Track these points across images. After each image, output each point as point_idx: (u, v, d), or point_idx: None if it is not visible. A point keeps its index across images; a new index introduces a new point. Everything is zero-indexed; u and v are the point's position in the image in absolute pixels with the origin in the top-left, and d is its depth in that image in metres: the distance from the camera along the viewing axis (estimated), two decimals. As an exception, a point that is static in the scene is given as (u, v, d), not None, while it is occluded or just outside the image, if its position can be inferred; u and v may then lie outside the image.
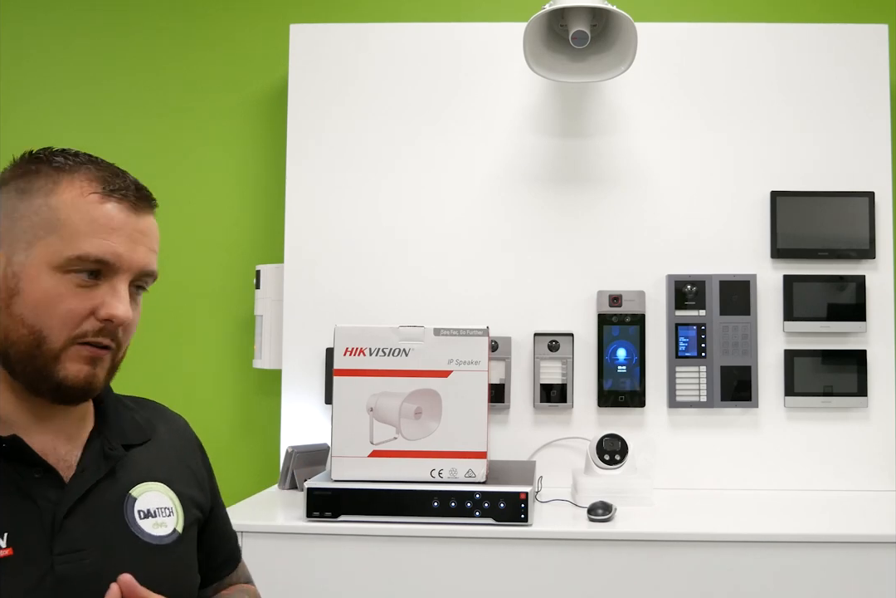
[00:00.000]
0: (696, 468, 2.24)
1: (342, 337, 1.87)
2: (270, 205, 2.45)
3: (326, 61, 2.33)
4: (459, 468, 1.84)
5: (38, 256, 0.93)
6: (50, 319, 0.93)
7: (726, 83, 2.30)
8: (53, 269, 0.93)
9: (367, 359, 1.86)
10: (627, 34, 2.00)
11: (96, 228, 0.94)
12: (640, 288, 2.27)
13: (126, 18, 2.53)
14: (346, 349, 1.86)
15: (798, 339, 2.26)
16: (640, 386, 2.24)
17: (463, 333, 1.86)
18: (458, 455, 1.84)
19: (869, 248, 2.25)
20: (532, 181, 2.31)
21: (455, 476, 1.83)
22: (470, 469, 1.84)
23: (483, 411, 1.85)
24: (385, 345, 1.85)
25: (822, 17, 2.39)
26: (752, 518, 1.95)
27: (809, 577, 1.76)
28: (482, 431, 1.85)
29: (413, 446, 1.84)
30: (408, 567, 1.78)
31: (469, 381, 1.85)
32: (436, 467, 1.84)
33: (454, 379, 1.85)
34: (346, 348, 1.86)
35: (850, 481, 2.22)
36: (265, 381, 2.44)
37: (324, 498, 1.80)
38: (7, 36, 2.53)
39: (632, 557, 1.77)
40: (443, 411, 1.85)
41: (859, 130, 2.28)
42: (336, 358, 1.87)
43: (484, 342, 1.86)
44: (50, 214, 0.94)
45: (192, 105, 2.52)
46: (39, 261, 0.93)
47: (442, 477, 1.83)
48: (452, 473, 1.84)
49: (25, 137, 2.53)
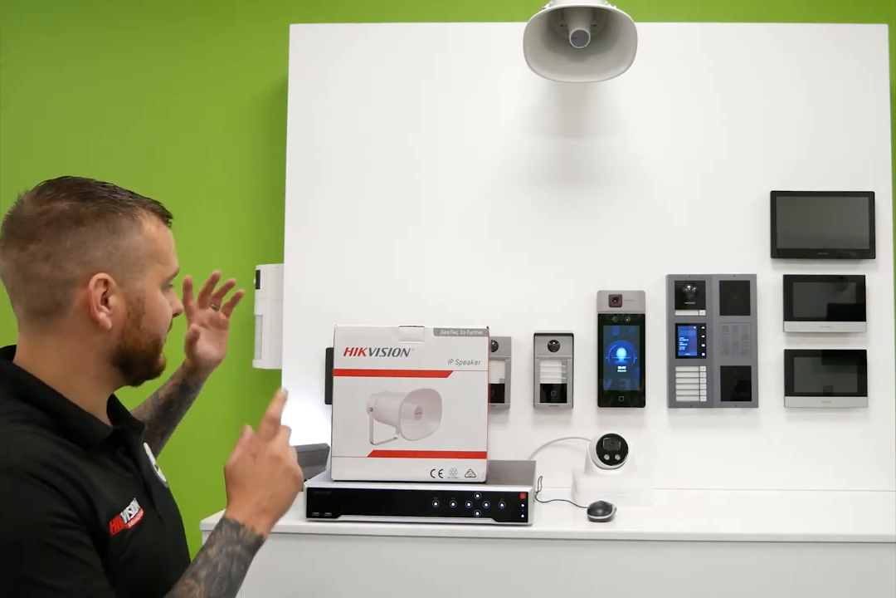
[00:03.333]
0: (696, 468, 2.24)
1: (342, 337, 1.87)
2: (270, 205, 2.45)
3: (326, 61, 2.33)
4: (459, 469, 1.83)
5: (150, 281, 1.17)
6: (163, 326, 1.21)
7: (726, 83, 2.30)
8: (159, 288, 1.20)
9: (368, 359, 1.86)
10: (627, 34, 2.00)
11: (169, 249, 1.22)
12: (640, 288, 2.27)
13: (126, 18, 2.53)
14: (345, 349, 1.86)
15: (798, 339, 2.26)
16: (640, 386, 2.24)
17: (463, 333, 1.85)
18: (458, 455, 1.84)
19: (869, 248, 2.25)
20: (532, 181, 2.31)
21: (455, 476, 1.83)
22: (470, 469, 1.84)
23: (483, 412, 1.85)
24: (385, 345, 1.85)
25: (822, 17, 2.40)
26: (752, 518, 1.95)
27: (809, 577, 1.76)
28: (482, 431, 1.85)
29: (413, 446, 1.84)
30: (408, 567, 1.78)
31: (469, 381, 1.85)
32: (436, 468, 1.84)
33: (454, 379, 1.85)
34: (346, 347, 1.86)
35: (850, 481, 2.22)
36: (265, 381, 2.43)
37: (324, 498, 1.80)
38: (3, 34, 2.54)
39: (632, 557, 1.77)
40: (443, 411, 1.85)
41: (859, 130, 2.28)
42: (336, 358, 1.87)
43: (484, 342, 1.86)
44: (149, 246, 1.17)
45: (192, 105, 2.52)
46: (152, 284, 1.18)
47: (442, 477, 1.83)
48: (452, 473, 1.84)
49: (25, 137, 2.53)
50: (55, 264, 1.10)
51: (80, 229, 1.11)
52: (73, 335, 1.13)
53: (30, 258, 1.10)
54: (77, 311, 1.12)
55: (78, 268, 1.11)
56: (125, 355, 1.16)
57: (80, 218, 1.11)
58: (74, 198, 1.12)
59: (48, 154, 2.53)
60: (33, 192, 1.13)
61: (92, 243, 1.12)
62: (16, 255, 1.11)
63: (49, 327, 1.12)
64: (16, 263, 1.11)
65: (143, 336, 1.17)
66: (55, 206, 1.11)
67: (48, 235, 1.10)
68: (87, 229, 1.12)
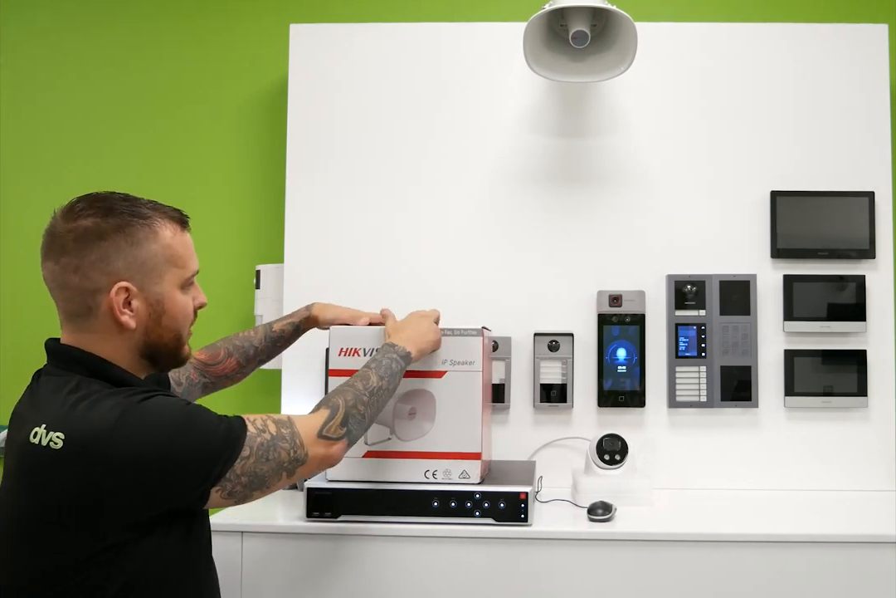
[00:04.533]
0: (696, 468, 2.24)
1: (337, 338, 1.86)
2: (270, 205, 2.45)
3: (326, 61, 2.33)
4: (453, 470, 1.82)
5: (168, 283, 1.33)
6: (183, 322, 1.36)
7: (726, 83, 2.30)
8: (179, 289, 1.35)
9: (362, 359, 1.84)
10: (627, 34, 2.00)
11: (186, 252, 1.36)
12: (640, 288, 2.27)
13: (125, 18, 2.53)
14: (340, 350, 1.85)
15: (798, 339, 2.26)
16: (640, 386, 2.24)
17: (457, 333, 1.84)
18: (453, 456, 1.82)
19: (869, 248, 2.25)
20: (532, 181, 2.31)
21: (449, 477, 1.82)
22: (464, 470, 1.82)
23: (478, 412, 1.83)
24: (379, 345, 1.84)
25: (822, 17, 2.40)
26: (752, 518, 1.95)
27: (809, 577, 1.76)
28: (477, 432, 1.83)
29: (407, 446, 1.83)
30: (408, 567, 1.78)
31: (464, 381, 1.83)
32: (430, 468, 1.83)
33: (449, 379, 1.83)
34: (341, 348, 1.85)
35: (850, 482, 2.22)
36: (265, 381, 2.43)
37: (324, 498, 1.80)
38: (3, 34, 2.54)
39: (632, 557, 1.77)
40: (437, 411, 1.83)
41: (859, 130, 2.28)
42: (331, 359, 1.86)
43: (478, 342, 1.84)
44: (166, 253, 1.32)
45: (191, 105, 2.52)
46: (171, 287, 1.33)
47: (436, 478, 1.82)
48: (447, 474, 1.82)
49: (25, 138, 2.54)
50: (83, 275, 1.27)
51: (103, 244, 1.28)
52: (105, 334, 1.30)
53: (62, 269, 1.28)
54: (105, 314, 1.29)
55: (102, 277, 1.28)
56: (151, 348, 1.34)
57: (102, 233, 1.28)
58: (98, 215, 1.28)
59: (48, 154, 2.53)
60: (65, 208, 1.31)
61: (113, 255, 1.28)
62: (52, 266, 1.29)
63: (85, 327, 1.31)
64: (52, 274, 1.30)
65: (165, 332, 1.34)
66: (81, 223, 1.28)
67: (76, 249, 1.27)
68: (108, 243, 1.28)
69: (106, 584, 1.21)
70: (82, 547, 1.20)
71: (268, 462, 1.31)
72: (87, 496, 1.19)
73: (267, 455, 1.31)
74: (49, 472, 1.21)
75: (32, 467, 1.23)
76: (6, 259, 2.52)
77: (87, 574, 1.20)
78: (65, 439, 1.20)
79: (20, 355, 2.40)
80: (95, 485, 1.19)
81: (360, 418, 1.48)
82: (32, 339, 1.50)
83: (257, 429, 1.32)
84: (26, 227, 2.43)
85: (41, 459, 1.22)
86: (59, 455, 1.20)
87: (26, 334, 2.35)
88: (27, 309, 2.46)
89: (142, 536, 1.23)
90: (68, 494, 1.20)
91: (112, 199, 1.32)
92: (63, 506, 1.20)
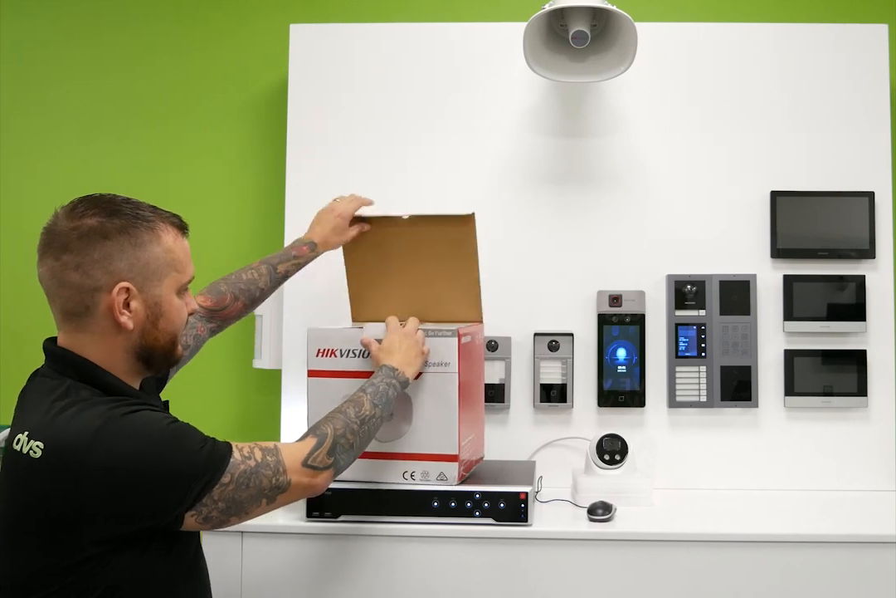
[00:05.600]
0: (696, 468, 2.24)
1: (314, 338, 1.86)
2: (270, 205, 2.45)
3: (326, 61, 2.33)
4: (431, 471, 1.82)
5: (167, 287, 1.33)
6: (178, 325, 1.37)
7: (726, 83, 2.30)
8: (176, 292, 1.35)
9: (339, 360, 1.83)
10: (627, 34, 2.00)
11: (185, 258, 1.37)
12: (640, 288, 2.27)
13: (126, 19, 2.53)
14: (318, 350, 1.85)
15: (798, 339, 2.26)
16: (640, 386, 2.24)
17: (432, 333, 1.82)
18: (430, 458, 1.81)
19: (869, 248, 2.25)
20: (532, 181, 2.31)
21: (427, 479, 1.81)
22: (442, 472, 1.81)
23: (454, 414, 1.81)
24: (355, 346, 1.83)
25: (822, 17, 2.40)
26: (752, 518, 1.95)
27: (809, 577, 1.76)
28: (454, 433, 1.81)
29: (385, 448, 1.83)
30: (408, 567, 1.78)
31: (439, 383, 1.81)
32: (408, 470, 1.82)
33: (424, 381, 1.82)
34: (319, 349, 1.85)
35: (850, 481, 2.22)
36: (265, 381, 2.44)
37: (324, 498, 1.80)
38: (3, 34, 2.54)
39: (632, 557, 1.78)
40: (414, 413, 1.82)
41: (859, 130, 2.28)
42: (309, 359, 1.86)
43: (453, 343, 1.82)
44: (167, 257, 1.33)
45: (191, 105, 2.52)
46: (169, 290, 1.33)
47: (414, 480, 1.82)
48: (424, 476, 1.82)
49: (25, 138, 2.53)
50: (84, 273, 1.27)
51: (107, 243, 1.27)
52: (102, 334, 1.30)
53: (63, 267, 1.27)
54: (103, 313, 1.29)
55: (104, 277, 1.27)
56: (146, 350, 1.33)
57: (107, 233, 1.28)
58: (102, 214, 1.28)
59: (49, 154, 2.53)
60: (67, 207, 1.30)
61: (116, 255, 1.28)
62: (51, 263, 1.28)
63: (81, 327, 1.30)
64: (51, 271, 1.28)
65: (161, 335, 1.34)
66: (85, 222, 1.27)
67: (79, 247, 1.27)
68: (112, 243, 1.28)
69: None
70: (58, 558, 1.19)
71: (248, 489, 1.30)
72: (62, 508, 1.18)
73: (248, 482, 1.30)
74: (26, 480, 1.21)
75: (12, 475, 1.24)
76: (6, 259, 2.52)
77: (64, 583, 1.19)
78: (44, 449, 1.20)
79: (20, 355, 2.40)
80: (70, 497, 1.18)
81: (347, 447, 1.47)
82: (32, 339, 1.49)
83: (243, 456, 1.31)
84: (26, 227, 2.43)
85: (21, 467, 1.22)
86: (37, 464, 1.20)
87: (27, 334, 2.34)
88: (27, 309, 2.46)
89: (115, 551, 1.21)
90: (43, 504, 1.19)
91: (116, 200, 1.32)
92: (39, 516, 1.19)
